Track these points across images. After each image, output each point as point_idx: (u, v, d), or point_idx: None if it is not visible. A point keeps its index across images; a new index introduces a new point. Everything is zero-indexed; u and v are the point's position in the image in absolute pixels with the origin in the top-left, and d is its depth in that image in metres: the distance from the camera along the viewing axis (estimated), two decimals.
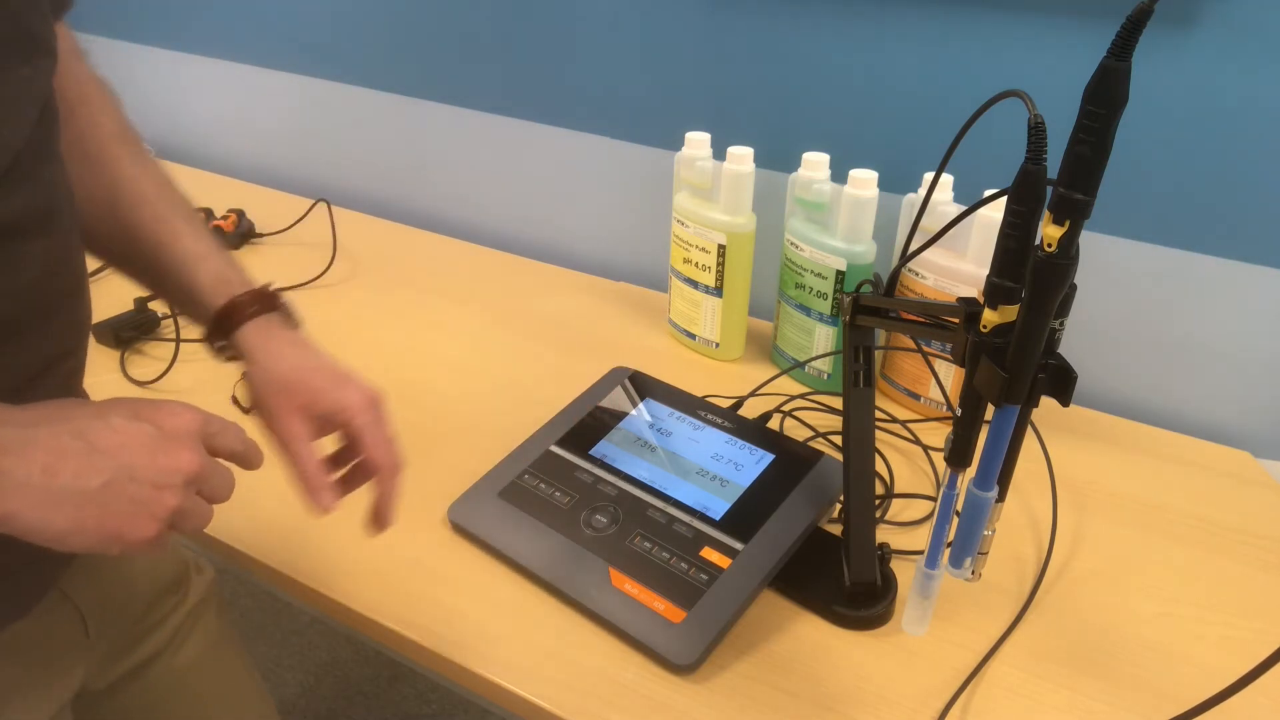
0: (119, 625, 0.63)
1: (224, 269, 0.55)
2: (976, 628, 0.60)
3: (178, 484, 0.41)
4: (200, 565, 0.73)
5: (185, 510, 0.42)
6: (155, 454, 0.40)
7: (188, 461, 0.41)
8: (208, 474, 0.43)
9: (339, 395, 0.54)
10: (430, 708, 1.42)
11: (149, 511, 0.40)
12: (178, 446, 0.41)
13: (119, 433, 0.40)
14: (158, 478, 0.40)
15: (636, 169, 1.05)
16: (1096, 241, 0.82)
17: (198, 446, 0.43)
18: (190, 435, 0.43)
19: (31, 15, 0.42)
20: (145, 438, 0.41)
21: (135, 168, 0.55)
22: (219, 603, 0.74)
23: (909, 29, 0.83)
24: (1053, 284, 0.36)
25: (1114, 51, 0.31)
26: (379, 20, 1.16)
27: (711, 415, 0.73)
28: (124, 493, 0.39)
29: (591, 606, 0.59)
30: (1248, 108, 0.73)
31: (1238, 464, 0.79)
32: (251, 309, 0.54)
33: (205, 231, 0.56)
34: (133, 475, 0.39)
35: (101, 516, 0.39)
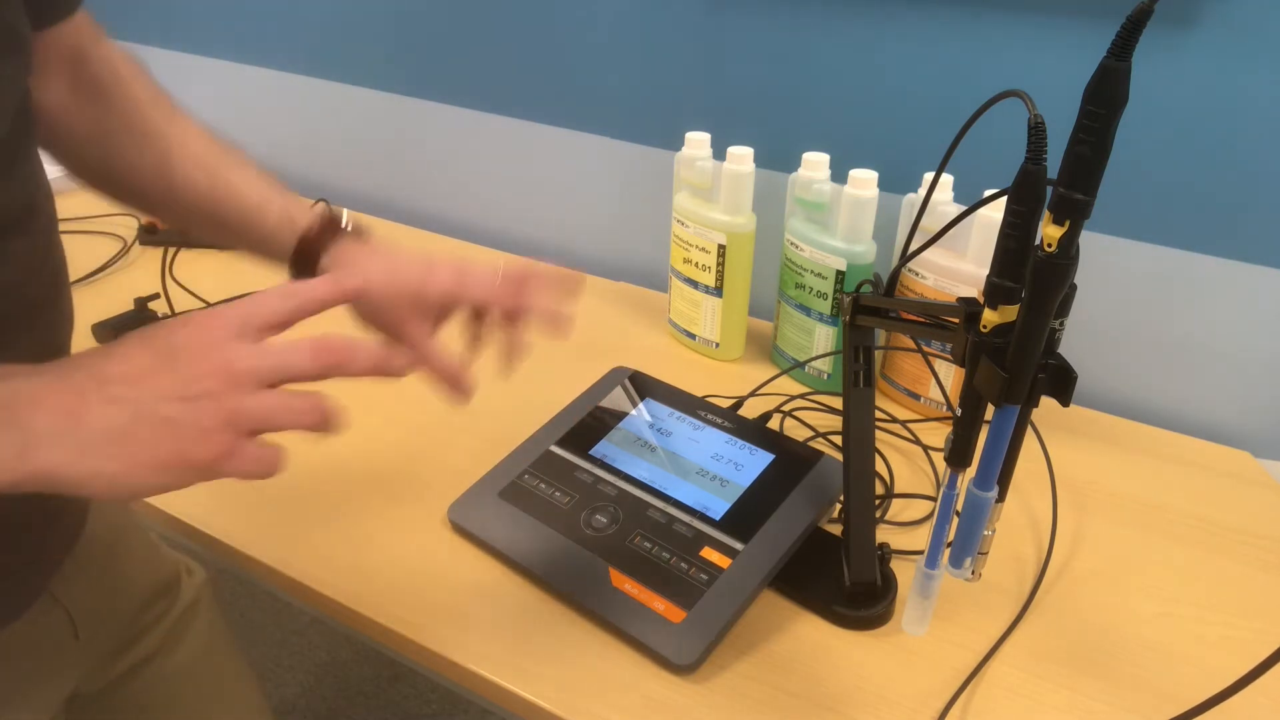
0: (110, 628, 0.63)
1: (286, 208, 0.56)
2: (976, 628, 0.60)
3: (215, 389, 0.37)
4: (191, 567, 0.73)
5: (250, 410, 0.37)
6: (177, 369, 0.37)
7: (214, 363, 0.38)
8: (252, 361, 0.38)
9: (434, 282, 0.55)
10: (430, 708, 1.42)
11: (196, 428, 0.36)
12: (199, 353, 0.38)
13: (131, 360, 0.37)
14: (188, 390, 0.37)
15: (636, 169, 1.05)
16: (1096, 241, 0.82)
17: (226, 342, 0.38)
18: (212, 336, 0.39)
19: (8, 11, 0.41)
20: (162, 358, 0.37)
21: (175, 128, 0.56)
22: (212, 604, 0.73)
23: (909, 29, 0.83)
24: (1053, 284, 0.36)
25: (1114, 51, 0.31)
26: (379, 20, 1.16)
27: (711, 415, 0.73)
28: (158, 417, 0.36)
29: (591, 606, 0.59)
30: (1248, 108, 0.73)
31: (1238, 464, 0.79)
32: (322, 240, 0.55)
33: (255, 175, 0.57)
34: (160, 396, 0.36)
35: (148, 449, 0.36)
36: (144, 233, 1.11)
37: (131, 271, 1.05)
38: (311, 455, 0.75)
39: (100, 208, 1.19)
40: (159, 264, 0.91)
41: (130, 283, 1.00)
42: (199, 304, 0.96)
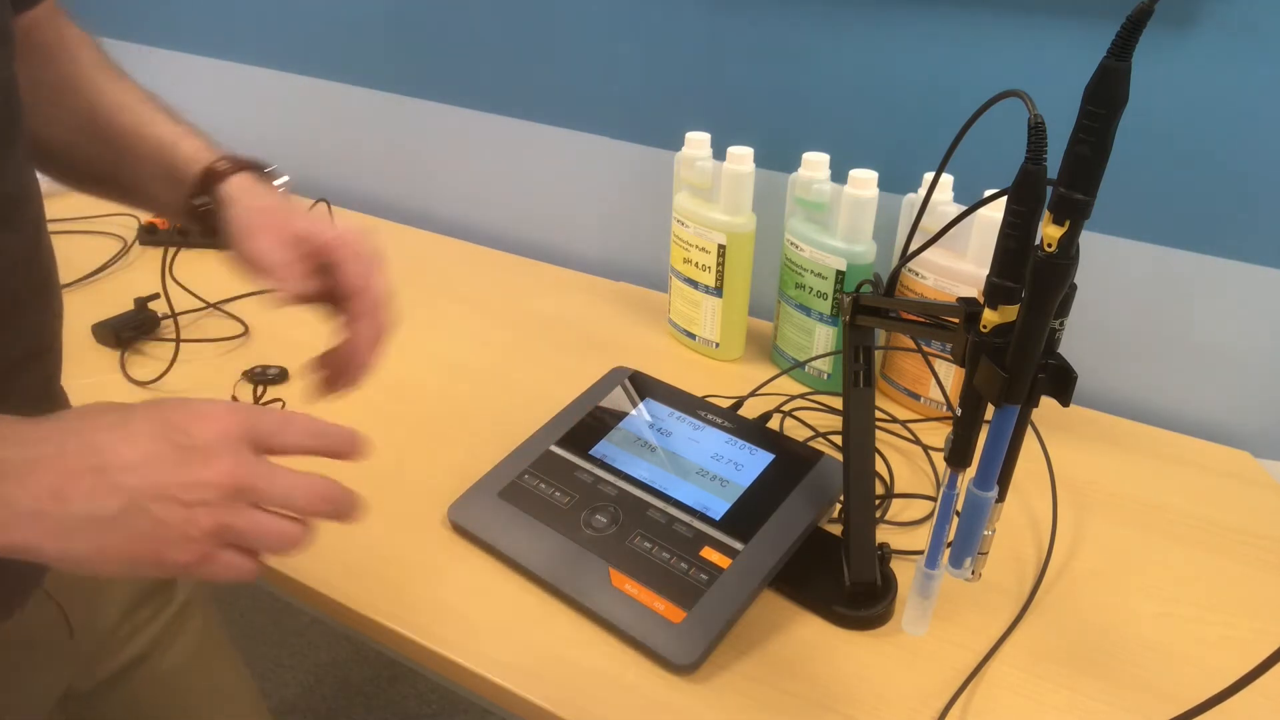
0: (103, 625, 0.62)
1: (205, 144, 0.54)
2: (976, 628, 0.60)
3: (213, 499, 0.36)
4: None
5: (238, 528, 0.37)
6: (181, 467, 0.36)
7: (221, 473, 0.36)
8: (258, 483, 0.38)
9: (314, 223, 0.51)
10: (430, 708, 1.42)
11: (181, 534, 0.36)
12: (209, 456, 0.37)
13: (137, 446, 0.36)
14: (186, 494, 0.36)
15: (636, 169, 1.05)
16: (1096, 241, 0.82)
17: (239, 452, 0.38)
18: (227, 440, 0.37)
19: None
20: (170, 449, 0.36)
21: (113, 84, 0.55)
22: (206, 604, 0.73)
23: (909, 29, 0.83)
24: (1053, 284, 0.36)
25: (1114, 51, 0.31)
26: (378, 20, 1.16)
27: (711, 415, 0.73)
28: (148, 515, 0.35)
29: (591, 606, 0.59)
30: (1247, 107, 0.73)
31: (1238, 464, 0.79)
32: (232, 167, 0.52)
33: (186, 121, 0.55)
34: (157, 494, 0.35)
35: (126, 542, 0.35)
36: (144, 233, 1.11)
37: (131, 271, 1.05)
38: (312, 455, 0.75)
39: (100, 208, 1.18)
40: (159, 264, 0.91)
41: (130, 283, 1.00)
42: (198, 304, 0.96)
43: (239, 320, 0.95)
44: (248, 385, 0.83)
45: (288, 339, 0.92)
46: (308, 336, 0.93)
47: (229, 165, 0.53)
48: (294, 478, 0.39)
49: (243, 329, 0.93)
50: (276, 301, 0.48)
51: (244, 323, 0.94)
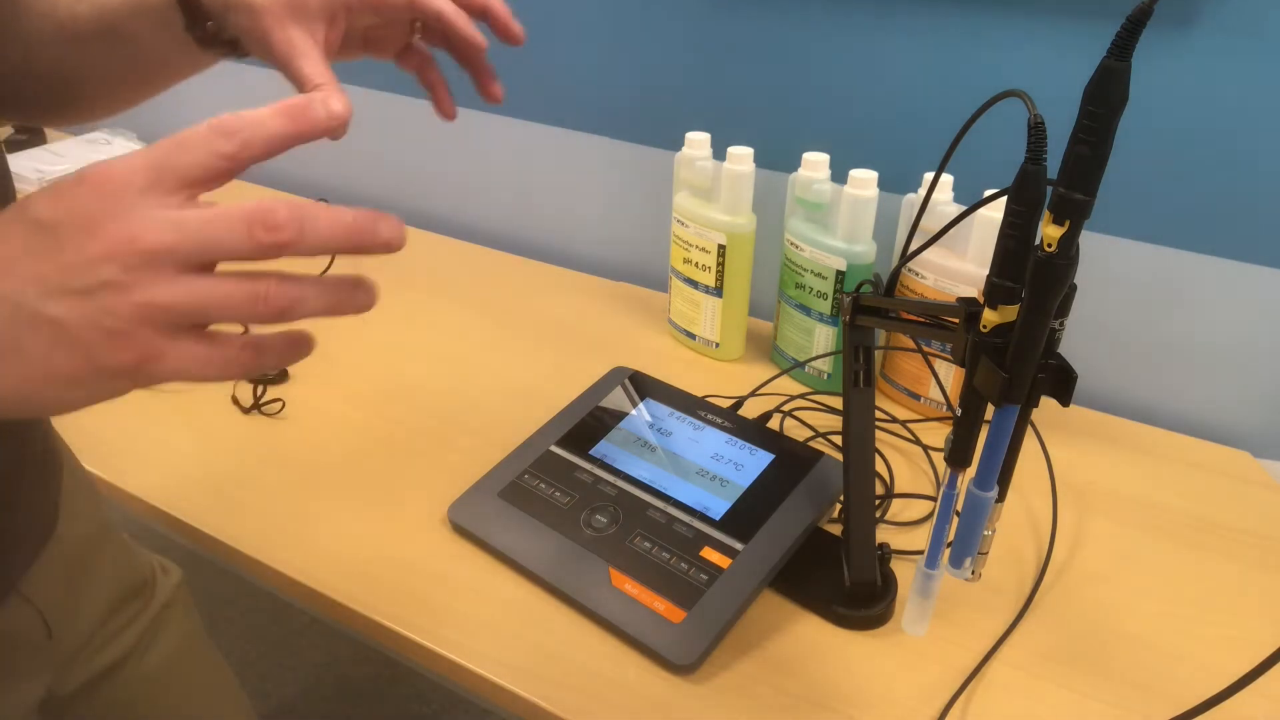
0: (83, 628, 0.61)
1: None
2: (976, 628, 0.60)
3: (117, 275, 0.27)
4: (166, 567, 0.71)
5: (168, 303, 0.28)
6: (63, 245, 0.27)
7: (118, 236, 0.27)
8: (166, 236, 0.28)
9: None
10: (430, 708, 1.42)
11: (99, 328, 0.28)
12: (97, 218, 0.28)
13: (4, 244, 0.28)
14: (77, 278, 0.27)
15: (636, 169, 1.05)
16: (1096, 241, 0.82)
17: (136, 207, 0.28)
18: (119, 193, 0.28)
19: None
20: (43, 235, 0.28)
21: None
22: (188, 604, 0.72)
23: (909, 29, 0.83)
24: (1053, 284, 0.36)
25: (1114, 51, 0.31)
26: None
27: (711, 415, 0.73)
28: (44, 320, 0.27)
29: (591, 606, 0.59)
30: (1248, 108, 0.73)
31: (1238, 464, 0.79)
32: None
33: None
34: (44, 291, 0.27)
35: (40, 361, 0.28)
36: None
37: None
38: (311, 454, 0.75)
39: None
40: None
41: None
42: None
43: None
44: (248, 385, 0.83)
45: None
46: None
47: None
48: (216, 211, 0.29)
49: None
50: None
51: None
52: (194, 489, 0.71)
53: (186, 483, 0.71)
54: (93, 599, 0.62)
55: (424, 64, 0.62)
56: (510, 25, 0.55)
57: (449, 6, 0.53)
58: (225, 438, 0.77)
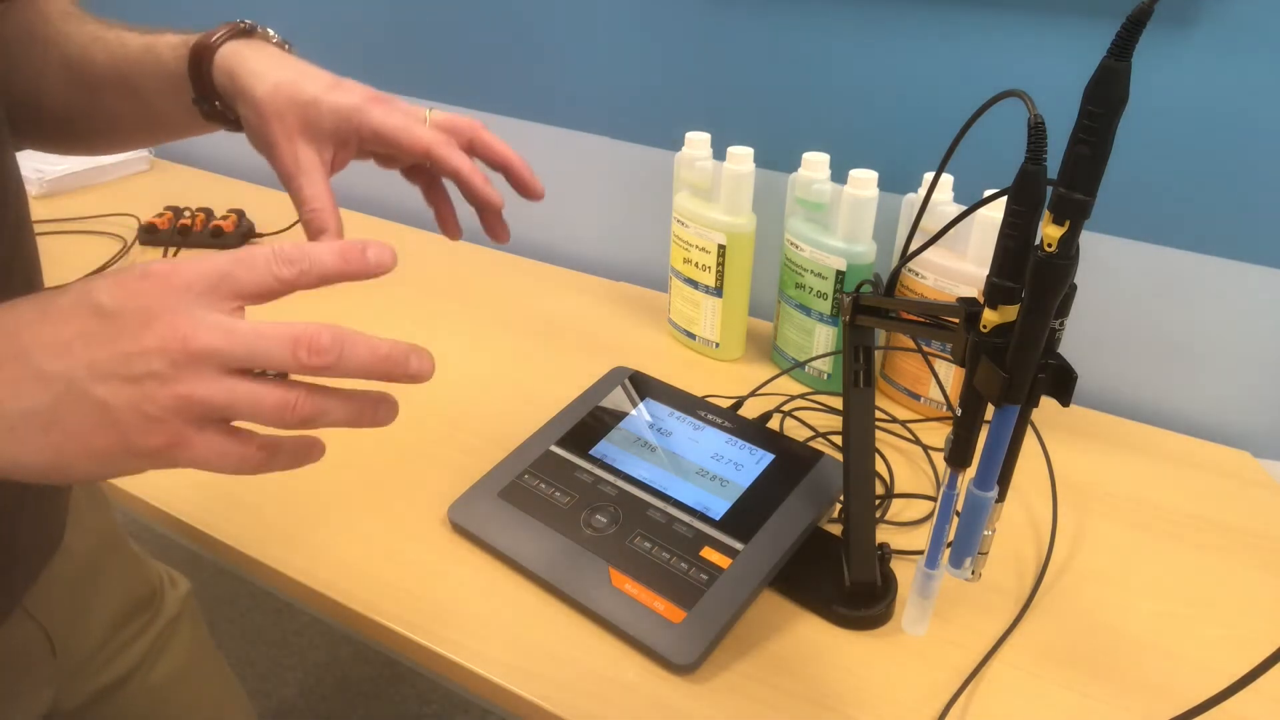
0: (88, 643, 0.60)
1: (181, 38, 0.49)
2: (976, 628, 0.60)
3: (161, 369, 0.30)
4: (174, 578, 0.71)
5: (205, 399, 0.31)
6: (114, 340, 0.30)
7: (171, 333, 0.30)
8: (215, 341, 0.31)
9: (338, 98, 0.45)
10: (430, 708, 1.42)
11: (138, 414, 0.30)
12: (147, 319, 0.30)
13: (67, 320, 0.30)
14: (127, 368, 0.30)
15: (636, 169, 1.05)
16: (1096, 241, 0.82)
17: (191, 309, 0.31)
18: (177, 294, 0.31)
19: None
20: (100, 322, 0.30)
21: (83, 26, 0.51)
22: (195, 616, 0.71)
23: (908, 29, 0.83)
24: (1053, 284, 0.36)
25: (1114, 51, 0.31)
26: (379, 20, 1.16)
27: (711, 415, 0.73)
28: (89, 400, 0.30)
29: (591, 606, 0.59)
30: (1248, 108, 0.73)
31: (1238, 464, 0.79)
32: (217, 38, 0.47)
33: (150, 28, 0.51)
34: (93, 374, 0.30)
35: (80, 437, 0.30)
36: (144, 232, 1.11)
37: None
38: None
39: (100, 207, 1.19)
40: None
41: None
42: None
43: None
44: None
45: None
46: None
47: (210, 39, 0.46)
48: (266, 328, 0.32)
49: None
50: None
51: None
52: (194, 489, 0.71)
53: (186, 483, 0.71)
54: (99, 613, 0.61)
55: (431, 185, 0.61)
56: (530, 182, 0.55)
57: (466, 165, 0.52)
58: None
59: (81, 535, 0.59)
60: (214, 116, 0.50)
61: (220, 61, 0.47)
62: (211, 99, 0.48)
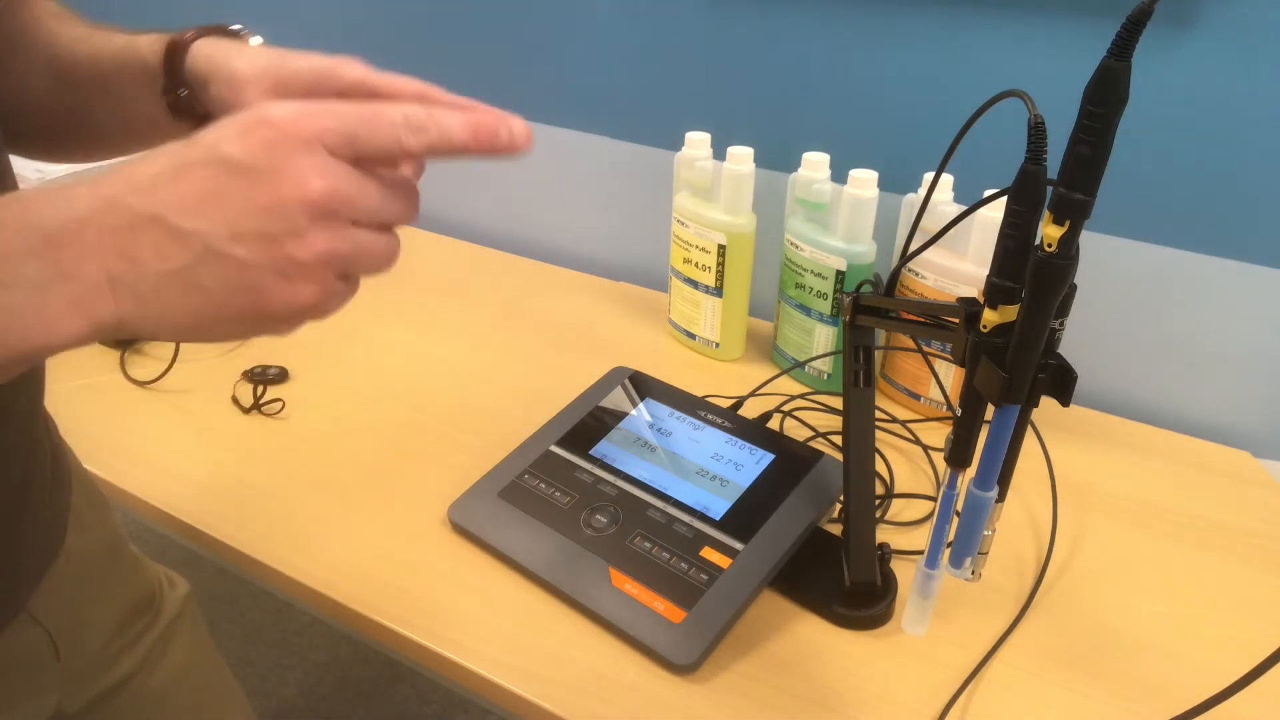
0: (90, 646, 0.60)
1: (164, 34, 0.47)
2: (976, 628, 0.60)
3: (304, 225, 0.30)
4: (173, 579, 0.70)
5: (342, 251, 0.31)
6: (249, 195, 0.30)
7: (301, 190, 0.30)
8: (351, 194, 0.32)
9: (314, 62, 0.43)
10: (430, 708, 1.42)
11: (279, 272, 0.30)
12: (283, 173, 0.30)
13: (193, 177, 0.30)
14: (267, 224, 0.30)
15: (636, 169, 1.05)
16: (1096, 241, 0.82)
17: (318, 164, 0.31)
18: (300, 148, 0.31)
19: None
20: (232, 176, 0.30)
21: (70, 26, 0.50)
22: (195, 618, 0.71)
23: (909, 29, 0.83)
24: (1053, 284, 0.36)
25: (1114, 51, 0.31)
26: (379, 20, 1.16)
27: (711, 415, 0.73)
28: (230, 260, 0.30)
29: (591, 606, 0.59)
30: (1248, 108, 0.73)
31: (1238, 464, 0.79)
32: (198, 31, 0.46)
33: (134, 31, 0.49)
34: (235, 233, 0.30)
35: (219, 299, 0.30)
36: None
37: None
38: (312, 454, 0.75)
39: None
40: None
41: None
42: None
43: None
44: (247, 385, 0.83)
45: (288, 339, 0.92)
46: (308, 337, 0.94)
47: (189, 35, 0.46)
48: (387, 183, 0.33)
49: None
50: None
51: None
52: (194, 489, 0.71)
53: (186, 483, 0.71)
54: (100, 616, 0.61)
55: None
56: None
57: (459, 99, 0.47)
58: (225, 438, 0.77)
59: (82, 539, 0.59)
60: (180, 109, 0.48)
61: (198, 49, 0.46)
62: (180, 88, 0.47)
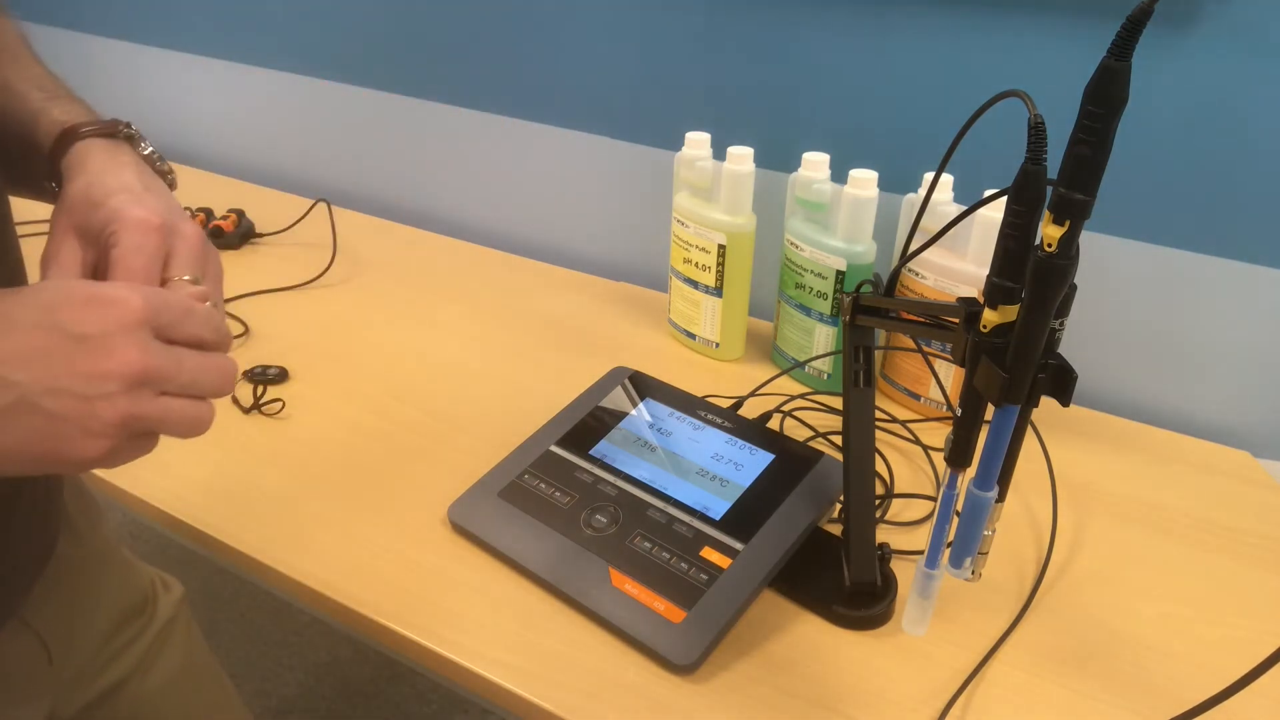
0: (83, 651, 0.60)
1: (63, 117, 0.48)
2: (976, 628, 0.60)
3: (115, 391, 0.34)
4: (168, 582, 0.71)
5: (147, 417, 0.36)
6: (76, 359, 0.34)
7: (124, 363, 0.35)
8: (164, 371, 0.36)
9: (119, 208, 0.42)
10: (430, 708, 1.42)
11: (83, 428, 0.34)
12: (110, 346, 0.34)
13: (29, 337, 0.34)
14: (85, 388, 0.34)
15: (636, 169, 1.05)
16: (1096, 241, 0.82)
17: (140, 342, 0.35)
18: (127, 327, 0.35)
19: None
20: (63, 340, 0.34)
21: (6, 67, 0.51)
22: (189, 620, 0.71)
23: (909, 29, 0.83)
24: (1053, 284, 0.36)
25: (1114, 51, 0.31)
26: (379, 20, 1.16)
27: (711, 415, 0.73)
28: (40, 411, 0.33)
29: (591, 606, 0.59)
30: (1247, 108, 0.73)
31: (1238, 464, 0.79)
32: (87, 131, 0.47)
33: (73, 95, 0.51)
34: (50, 389, 0.33)
35: (24, 441, 0.34)
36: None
37: None
38: (311, 454, 0.75)
39: None
40: None
41: None
42: None
43: (239, 320, 0.95)
44: (248, 385, 0.83)
45: (288, 339, 0.92)
46: (308, 337, 0.94)
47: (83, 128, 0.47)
48: (201, 360, 0.38)
49: (243, 329, 0.93)
50: None
51: (244, 323, 0.94)
52: (193, 489, 0.71)
53: (186, 483, 0.71)
54: (93, 621, 0.61)
55: None
56: None
57: None
58: (225, 438, 0.77)
59: (74, 544, 0.59)
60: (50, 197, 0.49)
61: (74, 152, 0.47)
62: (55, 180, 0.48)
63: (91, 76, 1.45)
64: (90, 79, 1.45)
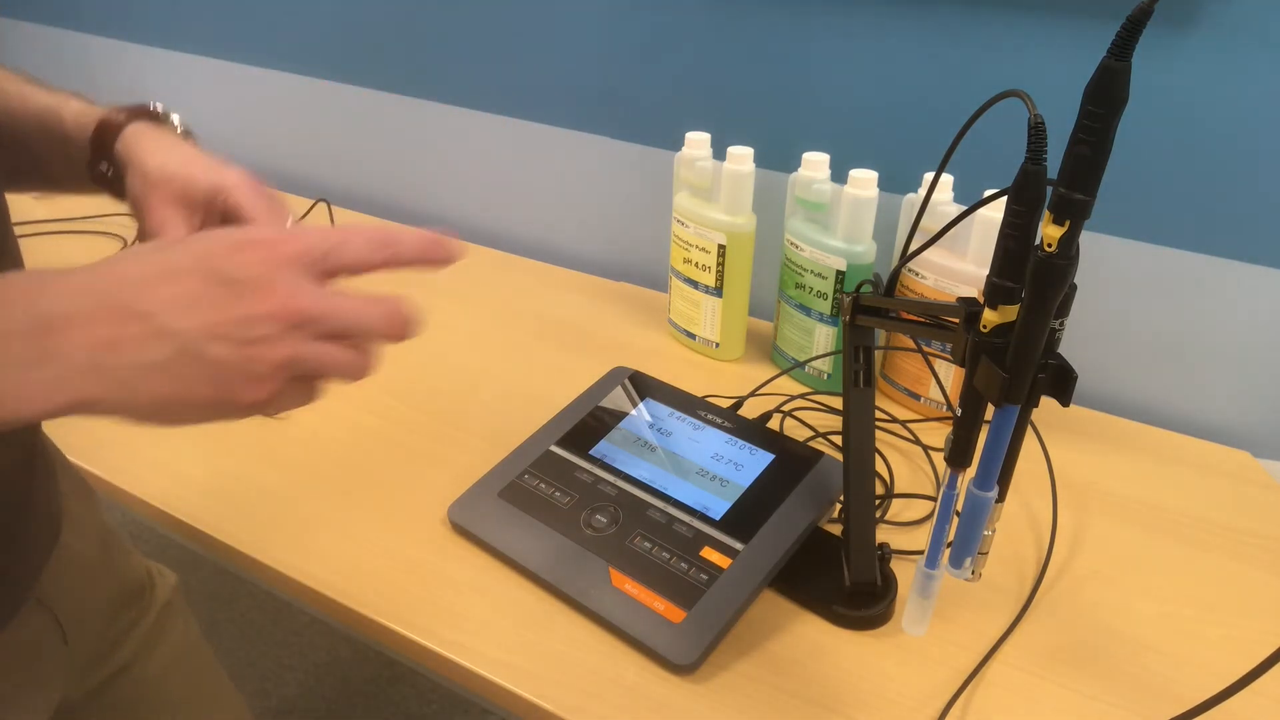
0: (92, 631, 0.61)
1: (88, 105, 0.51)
2: (976, 628, 0.60)
3: (273, 334, 0.34)
4: (162, 571, 0.71)
5: (306, 361, 0.36)
6: (233, 304, 0.34)
7: (277, 305, 0.34)
8: (320, 312, 0.36)
9: (216, 176, 0.47)
10: (430, 708, 1.42)
11: (245, 372, 0.34)
12: (262, 288, 0.34)
13: (183, 282, 0.34)
14: (243, 331, 0.34)
15: (636, 169, 1.05)
16: (1096, 241, 0.82)
17: (294, 280, 0.35)
18: (278, 268, 0.35)
19: None
20: (217, 286, 0.34)
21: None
22: (184, 607, 0.72)
23: (909, 29, 0.83)
24: (1053, 284, 0.36)
25: (1114, 51, 0.31)
26: (379, 20, 1.16)
27: (711, 415, 0.73)
28: (204, 358, 0.33)
29: (591, 606, 0.59)
30: (1247, 107, 0.73)
31: (1238, 464, 0.79)
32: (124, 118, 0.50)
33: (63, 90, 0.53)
34: (210, 334, 0.34)
35: (190, 388, 0.34)
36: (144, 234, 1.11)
37: None
38: (311, 454, 0.75)
39: (99, 208, 1.19)
40: None
41: None
42: None
43: None
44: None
45: None
46: None
47: (119, 117, 0.50)
48: (359, 303, 0.37)
49: None
50: None
51: None
52: (194, 489, 0.71)
53: (186, 482, 0.71)
54: (99, 602, 0.62)
55: None
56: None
57: None
58: (225, 437, 0.77)
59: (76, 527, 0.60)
60: (102, 181, 0.52)
61: (127, 134, 0.50)
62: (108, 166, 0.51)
63: (91, 76, 1.45)
64: (90, 79, 1.45)
